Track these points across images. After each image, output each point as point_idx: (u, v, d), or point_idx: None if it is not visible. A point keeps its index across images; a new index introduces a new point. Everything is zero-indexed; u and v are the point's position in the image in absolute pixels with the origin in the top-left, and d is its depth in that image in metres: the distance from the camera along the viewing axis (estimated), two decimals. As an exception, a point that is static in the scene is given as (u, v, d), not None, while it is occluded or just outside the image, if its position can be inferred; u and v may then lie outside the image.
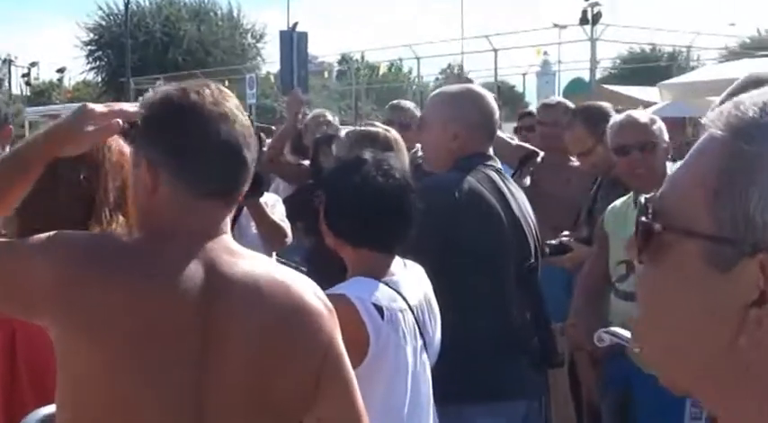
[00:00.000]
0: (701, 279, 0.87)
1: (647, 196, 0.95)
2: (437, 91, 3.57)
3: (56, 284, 1.64)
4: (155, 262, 1.70)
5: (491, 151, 3.26)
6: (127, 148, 2.04)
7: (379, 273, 2.44)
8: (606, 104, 4.76)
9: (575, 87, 28.88)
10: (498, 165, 3.26)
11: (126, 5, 38.97)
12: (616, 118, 3.89)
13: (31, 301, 1.68)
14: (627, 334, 2.02)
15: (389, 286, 2.42)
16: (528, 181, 5.11)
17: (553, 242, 4.12)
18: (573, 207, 4.89)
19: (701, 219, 0.88)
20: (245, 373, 1.71)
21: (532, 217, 3.29)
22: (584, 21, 23.44)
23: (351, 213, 2.47)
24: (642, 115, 3.86)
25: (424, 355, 2.49)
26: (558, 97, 6.06)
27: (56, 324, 1.67)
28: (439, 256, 2.89)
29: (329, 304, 1.85)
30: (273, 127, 20.68)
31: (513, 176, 5.20)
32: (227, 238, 1.79)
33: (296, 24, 30.01)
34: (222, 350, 1.70)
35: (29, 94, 51.38)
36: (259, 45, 49.25)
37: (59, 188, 2.23)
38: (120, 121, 1.78)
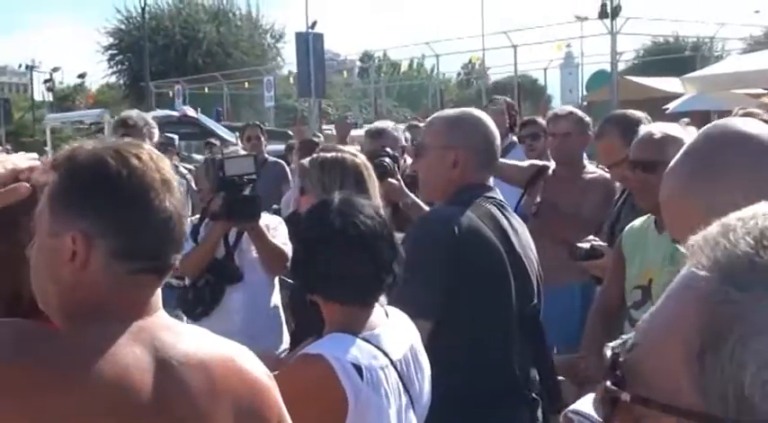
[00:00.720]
0: None
1: (614, 345, 0.74)
2: (435, 115, 3.29)
3: None
4: (93, 349, 1.47)
5: (491, 182, 3.02)
6: None
7: (357, 327, 2.23)
8: (641, 114, 4.37)
9: (598, 79, 28.58)
10: (499, 197, 3.00)
11: (143, 9, 39.00)
12: (641, 129, 3.58)
13: None
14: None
15: (369, 342, 2.21)
16: (539, 198, 4.90)
17: (584, 246, 3.84)
18: (587, 222, 4.67)
19: (682, 389, 0.67)
20: None
21: (534, 253, 3.04)
22: (603, 14, 23.08)
23: (319, 267, 2.26)
24: (661, 130, 3.41)
25: (411, 413, 2.28)
26: (569, 107, 5.76)
27: None
28: (438, 296, 2.71)
29: (270, 374, 1.68)
30: (290, 131, 20.57)
31: (523, 195, 5.01)
32: (162, 314, 1.59)
33: (315, 23, 29.92)
34: None
35: (51, 99, 51.67)
36: (279, 45, 49.22)
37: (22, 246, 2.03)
38: (27, 184, 1.59)
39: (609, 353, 0.72)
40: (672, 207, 1.64)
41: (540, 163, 5.18)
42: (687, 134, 3.35)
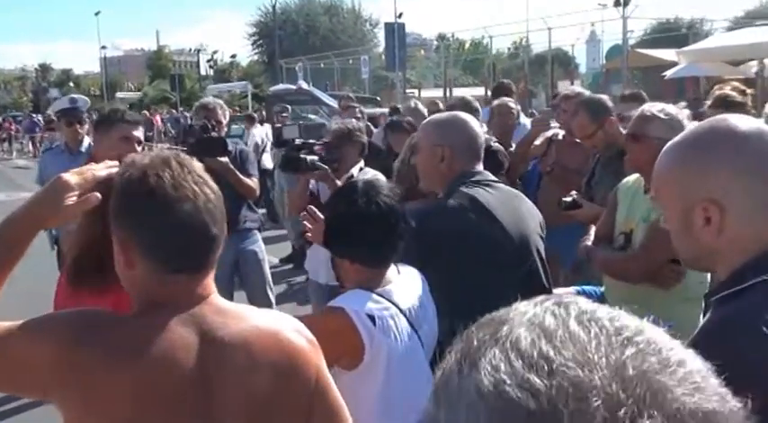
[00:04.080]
0: None
1: None
2: (428, 119, 2.93)
3: (53, 367, 1.30)
4: (147, 335, 1.34)
5: (479, 167, 2.65)
6: None
7: (373, 284, 2.05)
8: (605, 97, 4.21)
9: (614, 52, 27.53)
10: (488, 177, 2.64)
11: (273, 7, 38.97)
12: (643, 106, 3.22)
13: (37, 381, 1.33)
14: None
15: (383, 296, 2.03)
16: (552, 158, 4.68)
17: (567, 199, 3.70)
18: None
19: None
20: (246, 420, 1.39)
21: (531, 216, 2.68)
22: (617, 3, 21.92)
23: (343, 235, 2.08)
24: (652, 110, 3.02)
25: (419, 349, 2.11)
26: (578, 88, 5.42)
27: (57, 399, 1.34)
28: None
29: (311, 337, 1.50)
30: (378, 97, 20.27)
31: (539, 160, 4.75)
32: (213, 299, 1.42)
33: (401, 14, 29.43)
34: (222, 406, 1.37)
35: (212, 73, 52.21)
36: (375, 30, 48.79)
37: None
38: (98, 194, 1.44)
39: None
40: (656, 176, 1.40)
41: (550, 133, 4.90)
42: (680, 114, 3.03)
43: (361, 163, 4.34)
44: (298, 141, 4.25)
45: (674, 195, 1.33)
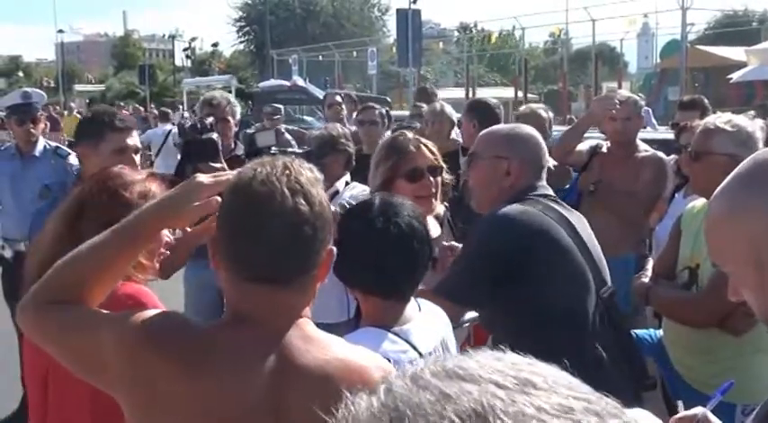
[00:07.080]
0: None
1: None
2: (487, 130, 3.04)
3: (119, 363, 1.49)
4: (225, 349, 1.50)
5: (543, 183, 2.85)
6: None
7: (390, 322, 2.09)
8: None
9: (671, 48, 27.72)
10: (552, 194, 2.85)
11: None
12: (706, 119, 3.33)
13: (106, 373, 1.53)
14: None
15: (399, 336, 2.07)
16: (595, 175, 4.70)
17: None
18: (641, 199, 4.58)
19: None
20: None
21: (595, 241, 2.85)
22: (676, -10, 22.08)
23: (355, 261, 2.10)
24: (717, 123, 3.08)
25: (441, 402, 2.15)
26: (626, 93, 5.43)
27: (122, 396, 1.53)
28: (480, 286, 2.65)
29: None
30: (388, 98, 20.42)
31: (579, 175, 4.78)
32: (302, 324, 1.55)
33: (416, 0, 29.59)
34: None
35: (189, 65, 52.49)
36: (385, 17, 49.04)
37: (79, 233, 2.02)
38: (219, 199, 1.59)
39: None
40: (711, 232, 1.41)
41: (593, 144, 4.93)
42: (750, 126, 3.06)
43: (347, 176, 4.31)
44: (273, 150, 4.27)
45: (738, 248, 1.32)
